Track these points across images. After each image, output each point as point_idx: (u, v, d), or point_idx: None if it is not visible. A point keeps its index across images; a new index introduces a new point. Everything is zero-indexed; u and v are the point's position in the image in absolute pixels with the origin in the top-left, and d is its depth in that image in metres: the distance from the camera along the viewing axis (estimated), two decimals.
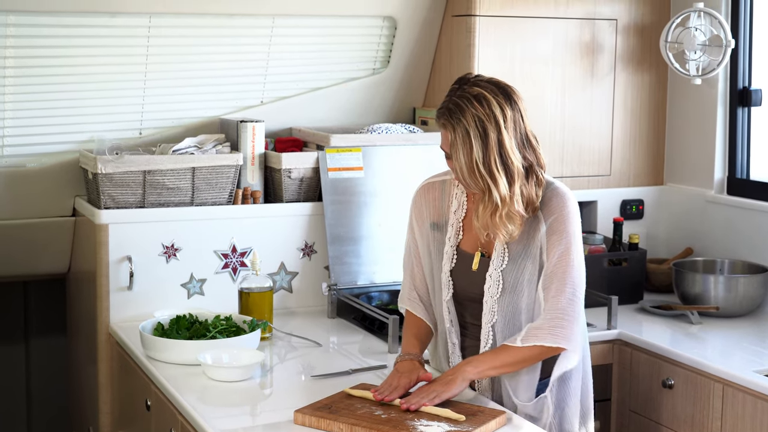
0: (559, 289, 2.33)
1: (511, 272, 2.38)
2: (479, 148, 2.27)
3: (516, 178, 2.29)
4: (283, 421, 2.29)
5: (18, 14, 3.07)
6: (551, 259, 2.34)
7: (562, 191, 2.38)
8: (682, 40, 3.54)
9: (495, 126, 2.27)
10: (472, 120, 2.27)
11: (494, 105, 2.28)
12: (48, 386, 3.80)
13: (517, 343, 2.33)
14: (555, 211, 2.35)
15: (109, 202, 3.12)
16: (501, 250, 2.38)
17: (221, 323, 2.84)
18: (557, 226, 2.34)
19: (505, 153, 2.28)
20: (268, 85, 3.50)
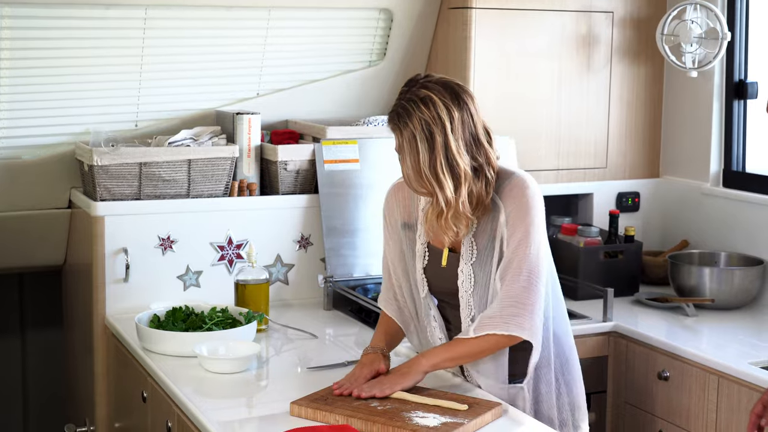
0: (514, 277, 2.30)
1: (480, 266, 2.37)
2: (425, 152, 2.26)
3: (463, 180, 2.27)
4: (279, 413, 2.29)
5: (13, 6, 3.07)
6: (510, 247, 2.32)
7: (521, 180, 2.35)
8: (678, 32, 3.54)
9: (441, 129, 2.25)
10: (418, 123, 2.25)
11: (440, 107, 2.25)
12: (44, 378, 3.80)
13: (470, 335, 2.32)
14: (514, 200, 2.33)
15: (105, 194, 3.12)
16: (468, 244, 2.38)
17: (217, 315, 2.84)
18: (516, 215, 2.32)
19: (451, 156, 2.26)
20: (265, 77, 3.50)
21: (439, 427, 2.14)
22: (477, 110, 2.32)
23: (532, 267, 2.31)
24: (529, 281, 2.30)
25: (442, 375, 2.57)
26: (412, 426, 2.14)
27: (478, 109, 2.33)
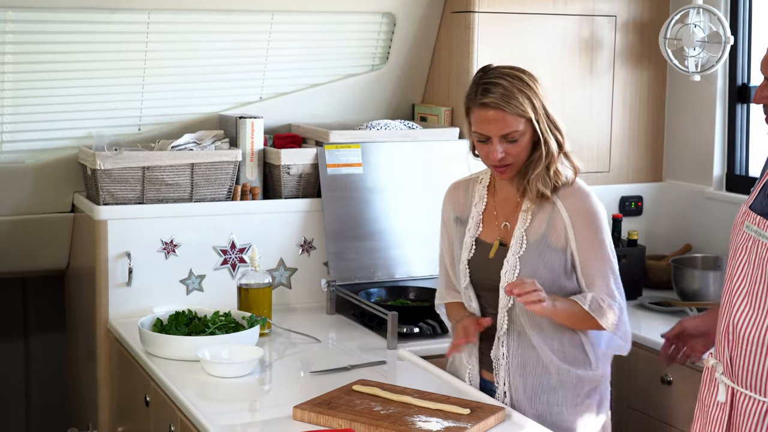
0: (606, 280, 2.45)
1: (529, 259, 2.45)
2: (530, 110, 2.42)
3: (563, 139, 2.48)
4: (282, 417, 2.29)
5: (17, 10, 3.07)
6: (585, 252, 2.45)
7: (583, 187, 2.52)
8: (681, 36, 3.54)
9: (536, 95, 2.43)
10: (515, 89, 2.41)
11: (525, 80, 2.44)
12: (47, 382, 3.80)
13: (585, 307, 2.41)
14: (578, 205, 2.46)
15: (108, 198, 3.12)
16: (519, 237, 2.47)
17: (220, 319, 2.84)
18: (584, 221, 2.45)
19: (551, 115, 2.46)
20: (267, 81, 3.50)
21: (441, 431, 2.14)
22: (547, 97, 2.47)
23: (616, 270, 2.47)
24: (620, 289, 2.47)
25: (446, 378, 2.57)
26: (415, 430, 2.14)
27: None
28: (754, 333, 2.18)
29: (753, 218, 2.23)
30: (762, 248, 2.18)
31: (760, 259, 2.18)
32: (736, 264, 2.25)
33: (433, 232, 3.38)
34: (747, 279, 2.21)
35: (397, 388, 2.40)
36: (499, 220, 2.55)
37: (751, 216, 2.24)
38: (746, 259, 2.21)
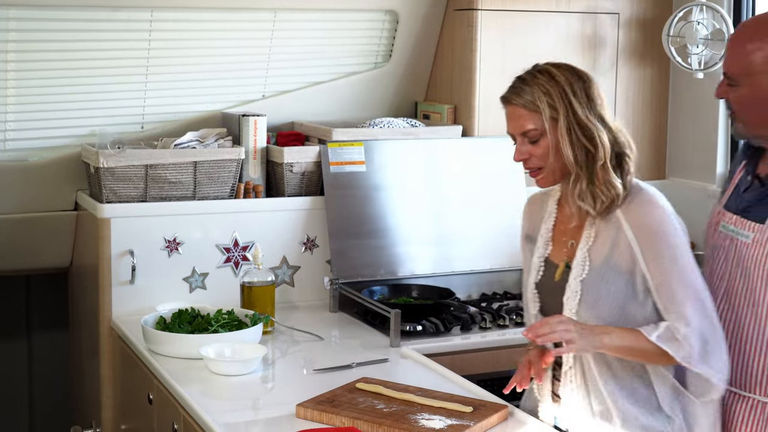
0: (684, 311, 2.12)
1: (592, 283, 2.17)
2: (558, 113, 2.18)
3: (599, 144, 2.16)
4: (285, 415, 2.29)
5: (19, 8, 3.07)
6: (658, 278, 2.13)
7: (650, 196, 2.18)
8: (684, 34, 3.53)
9: (562, 93, 2.18)
10: (535, 85, 2.21)
11: (563, 79, 2.20)
12: (50, 380, 3.81)
13: (652, 337, 2.11)
14: (641, 216, 2.15)
15: (111, 196, 3.12)
16: (582, 258, 2.19)
17: (223, 317, 2.84)
18: (651, 234, 2.14)
19: (581, 121, 2.17)
20: (270, 79, 3.50)
21: (444, 429, 2.14)
22: (600, 97, 2.21)
23: (698, 292, 2.14)
24: (704, 312, 2.13)
25: (449, 376, 2.58)
26: (418, 428, 2.14)
27: (600, 98, 2.22)
28: (733, 330, 2.26)
29: (729, 218, 2.31)
30: (741, 246, 2.25)
31: (738, 257, 2.25)
32: (715, 264, 2.32)
33: (435, 230, 3.39)
34: (726, 278, 2.28)
35: (399, 386, 2.40)
36: (567, 237, 2.28)
37: (726, 216, 2.32)
38: (724, 258, 2.29)
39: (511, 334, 3.00)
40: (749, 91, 2.21)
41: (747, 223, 2.25)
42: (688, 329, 2.10)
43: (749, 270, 2.23)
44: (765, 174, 2.28)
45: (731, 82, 2.24)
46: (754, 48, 2.19)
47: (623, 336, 2.11)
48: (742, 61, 2.21)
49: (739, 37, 2.24)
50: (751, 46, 2.19)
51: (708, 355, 2.12)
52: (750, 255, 2.23)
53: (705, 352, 2.11)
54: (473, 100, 3.50)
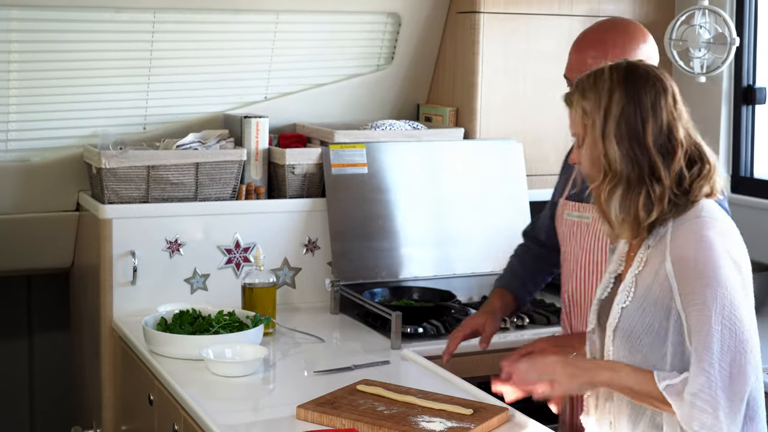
0: (705, 362, 1.80)
1: (631, 313, 1.93)
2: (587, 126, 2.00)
3: (608, 173, 1.93)
4: (285, 417, 2.29)
5: (22, 9, 3.08)
6: (691, 318, 1.84)
7: (702, 223, 1.88)
8: (687, 37, 3.54)
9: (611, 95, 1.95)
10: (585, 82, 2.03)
11: (605, 87, 1.96)
12: (51, 381, 3.81)
13: (660, 386, 1.84)
14: (684, 244, 1.87)
15: (113, 197, 3.12)
16: (628, 284, 1.95)
17: (224, 318, 2.84)
18: (688, 269, 1.85)
19: (606, 140, 1.94)
20: (272, 80, 3.50)
21: (445, 431, 2.14)
22: (659, 108, 1.93)
23: (728, 349, 1.81)
24: (722, 369, 1.80)
25: (450, 378, 2.57)
26: (418, 430, 2.14)
27: (665, 110, 1.94)
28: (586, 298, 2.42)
29: (572, 206, 2.48)
30: (584, 228, 2.43)
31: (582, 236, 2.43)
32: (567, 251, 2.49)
33: (436, 232, 3.39)
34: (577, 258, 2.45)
35: (400, 388, 2.40)
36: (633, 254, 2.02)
37: (569, 204, 2.49)
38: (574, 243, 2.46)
39: (512, 337, 3.01)
40: None
41: (587, 206, 2.42)
42: (702, 389, 1.79)
43: (592, 245, 2.41)
44: None
45: None
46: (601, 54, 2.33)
47: (631, 375, 1.88)
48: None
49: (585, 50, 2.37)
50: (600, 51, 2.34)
51: (718, 422, 1.79)
52: (592, 232, 2.41)
53: (716, 419, 1.78)
54: (475, 103, 3.51)
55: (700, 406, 1.78)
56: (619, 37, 2.42)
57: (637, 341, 1.92)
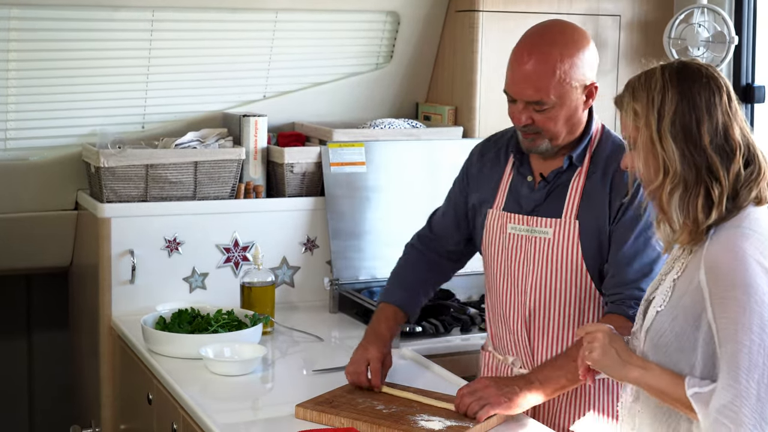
0: (732, 376, 1.75)
1: (663, 318, 1.90)
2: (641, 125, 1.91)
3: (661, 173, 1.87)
4: (284, 416, 2.29)
5: (21, 8, 3.07)
6: (719, 323, 1.79)
7: (737, 233, 1.82)
8: (686, 36, 3.53)
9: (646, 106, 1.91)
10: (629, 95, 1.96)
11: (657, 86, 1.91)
12: (50, 380, 3.81)
13: (689, 392, 1.81)
14: (716, 257, 1.81)
15: (112, 196, 3.12)
16: (667, 287, 1.92)
17: (223, 317, 2.84)
18: (719, 278, 1.80)
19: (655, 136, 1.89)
20: (271, 79, 3.50)
21: (444, 430, 2.14)
22: (713, 107, 1.86)
23: (756, 365, 1.74)
24: (748, 387, 1.74)
25: (448, 377, 2.57)
26: (417, 429, 2.14)
27: (719, 109, 1.86)
28: (551, 316, 2.36)
29: (518, 219, 2.40)
30: (540, 243, 2.35)
31: (540, 253, 2.36)
32: (500, 265, 2.42)
33: None
34: (531, 274, 2.37)
35: (399, 386, 2.39)
36: None
37: (514, 217, 2.41)
38: (522, 258, 2.38)
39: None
40: (559, 107, 2.29)
41: (542, 220, 2.35)
42: (727, 404, 1.74)
43: (555, 262, 2.33)
44: (545, 173, 2.38)
45: (538, 108, 2.28)
46: (548, 68, 2.25)
47: (662, 377, 1.86)
48: (545, 83, 2.25)
49: (527, 62, 2.27)
50: (545, 66, 2.25)
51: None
52: (554, 248, 2.33)
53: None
54: (474, 102, 3.51)
55: (722, 422, 1.74)
56: (565, 49, 2.29)
57: (665, 347, 1.88)
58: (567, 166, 2.36)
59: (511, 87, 2.31)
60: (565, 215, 2.34)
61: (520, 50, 2.32)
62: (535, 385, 2.21)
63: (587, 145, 2.38)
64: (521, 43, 2.34)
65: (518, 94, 2.29)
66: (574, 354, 2.15)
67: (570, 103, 2.30)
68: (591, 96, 2.35)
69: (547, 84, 2.26)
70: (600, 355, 1.93)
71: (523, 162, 2.42)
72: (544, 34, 2.34)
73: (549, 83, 2.26)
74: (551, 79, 2.26)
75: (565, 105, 2.29)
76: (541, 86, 2.26)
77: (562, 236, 2.33)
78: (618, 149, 2.37)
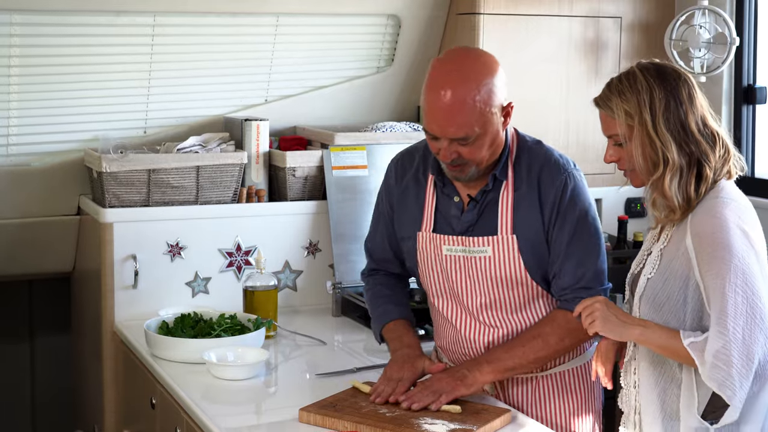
0: (721, 329, 2.00)
1: (655, 283, 2.14)
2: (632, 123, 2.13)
3: (661, 163, 2.09)
4: (287, 420, 2.29)
5: (23, 13, 3.08)
6: (706, 281, 2.04)
7: (718, 203, 2.07)
8: (687, 37, 3.53)
9: (638, 106, 2.12)
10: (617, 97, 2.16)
11: (642, 85, 2.12)
12: (53, 384, 3.81)
13: (685, 342, 2.04)
14: (701, 225, 2.06)
15: (114, 201, 3.12)
16: (655, 257, 2.16)
17: (226, 322, 2.84)
18: (706, 244, 2.04)
19: (650, 132, 2.10)
20: (273, 83, 3.50)
21: None
22: (694, 100, 2.10)
23: (741, 313, 1.99)
24: (735, 332, 1.98)
25: None
26: None
27: (697, 101, 2.11)
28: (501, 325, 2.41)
29: (452, 240, 2.42)
30: (480, 262, 2.38)
31: (481, 271, 2.39)
32: (457, 285, 2.43)
33: None
34: (479, 290, 2.40)
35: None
36: None
37: (447, 239, 2.42)
38: (463, 276, 2.41)
39: None
40: (483, 136, 2.29)
41: (479, 240, 2.38)
42: (720, 349, 1.98)
43: (498, 278, 2.38)
44: (472, 193, 2.39)
45: (463, 142, 2.28)
46: (468, 104, 2.24)
47: (660, 333, 2.08)
48: (467, 119, 2.25)
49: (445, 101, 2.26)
50: (464, 103, 2.24)
51: (731, 379, 1.98)
52: (496, 264, 2.37)
53: (729, 376, 1.98)
54: None
55: (717, 365, 1.98)
56: (480, 79, 2.27)
57: (659, 308, 2.12)
58: (492, 183, 2.38)
59: (433, 127, 2.29)
60: (501, 231, 2.37)
61: (435, 89, 2.28)
62: (484, 366, 2.34)
63: (507, 157, 2.40)
64: (434, 81, 2.29)
65: (442, 133, 2.28)
66: (524, 339, 2.36)
67: (492, 128, 2.30)
68: (508, 115, 2.35)
69: (469, 119, 2.25)
70: (602, 323, 2.12)
71: (445, 183, 2.42)
72: (455, 68, 2.29)
73: (471, 118, 2.25)
74: (472, 113, 2.25)
75: (488, 133, 2.30)
76: (463, 122, 2.25)
77: (502, 252, 2.36)
78: (534, 151, 2.41)
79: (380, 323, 2.58)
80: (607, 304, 2.14)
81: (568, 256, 2.36)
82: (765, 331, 2.01)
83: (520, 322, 2.42)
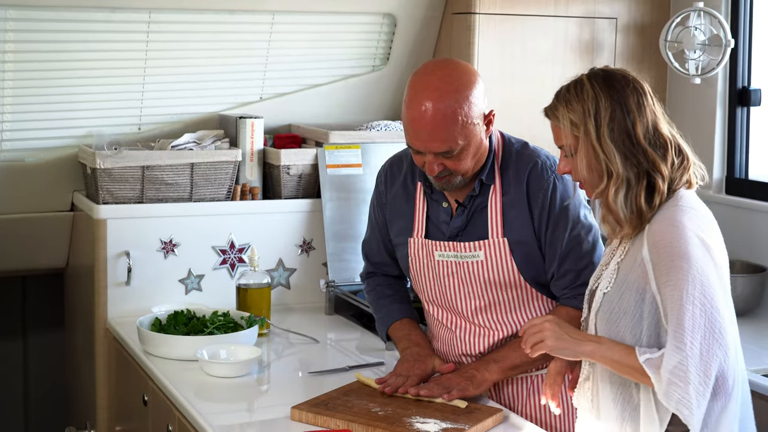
0: (676, 343, 1.91)
1: (611, 298, 2.05)
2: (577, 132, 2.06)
3: (604, 175, 2.02)
4: (280, 418, 2.29)
5: (17, 9, 3.07)
6: (663, 293, 1.95)
7: (675, 212, 1.98)
8: (682, 39, 3.54)
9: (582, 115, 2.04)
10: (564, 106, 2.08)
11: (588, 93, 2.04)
12: (45, 381, 3.80)
13: (640, 359, 1.95)
14: (658, 235, 1.97)
15: (108, 198, 3.12)
16: (612, 271, 2.07)
17: (219, 319, 2.84)
18: (663, 254, 1.95)
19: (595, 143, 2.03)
20: (268, 81, 3.50)
21: None
22: (643, 108, 2.01)
23: (699, 327, 1.90)
24: (692, 348, 1.89)
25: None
26: (412, 431, 2.14)
27: (648, 109, 2.02)
28: (496, 328, 2.41)
29: (443, 246, 2.42)
30: (473, 266, 2.38)
31: (475, 276, 2.39)
32: (449, 290, 2.43)
33: None
34: (473, 296, 2.41)
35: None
36: None
37: (439, 245, 2.42)
38: (458, 282, 2.41)
39: None
40: (467, 147, 2.29)
41: (470, 245, 2.38)
42: (677, 365, 1.89)
43: (491, 282, 2.38)
44: (459, 198, 2.40)
45: (448, 155, 2.28)
46: (450, 118, 2.24)
47: (615, 348, 2.00)
48: (450, 133, 2.25)
49: (427, 116, 2.24)
50: (446, 117, 2.24)
51: (688, 396, 1.89)
52: (488, 268, 2.37)
53: (686, 393, 1.89)
54: None
55: (674, 382, 1.89)
56: (461, 91, 2.26)
57: (615, 323, 2.03)
58: (479, 188, 2.38)
59: (416, 143, 2.28)
60: (492, 235, 2.37)
61: (416, 104, 2.25)
62: (491, 364, 2.36)
63: (493, 162, 2.40)
64: (414, 96, 2.27)
65: (425, 148, 2.28)
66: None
67: (475, 139, 2.30)
68: (491, 123, 2.35)
69: (452, 133, 2.25)
70: (554, 341, 2.05)
71: (433, 189, 2.43)
72: (434, 83, 2.26)
73: (454, 131, 2.25)
74: (455, 127, 2.25)
75: (472, 144, 2.30)
76: (447, 137, 2.25)
77: (494, 256, 2.37)
78: (521, 153, 2.41)
79: (386, 323, 2.59)
80: (557, 323, 2.07)
81: (565, 256, 2.36)
82: (723, 346, 1.92)
83: (517, 324, 2.43)
